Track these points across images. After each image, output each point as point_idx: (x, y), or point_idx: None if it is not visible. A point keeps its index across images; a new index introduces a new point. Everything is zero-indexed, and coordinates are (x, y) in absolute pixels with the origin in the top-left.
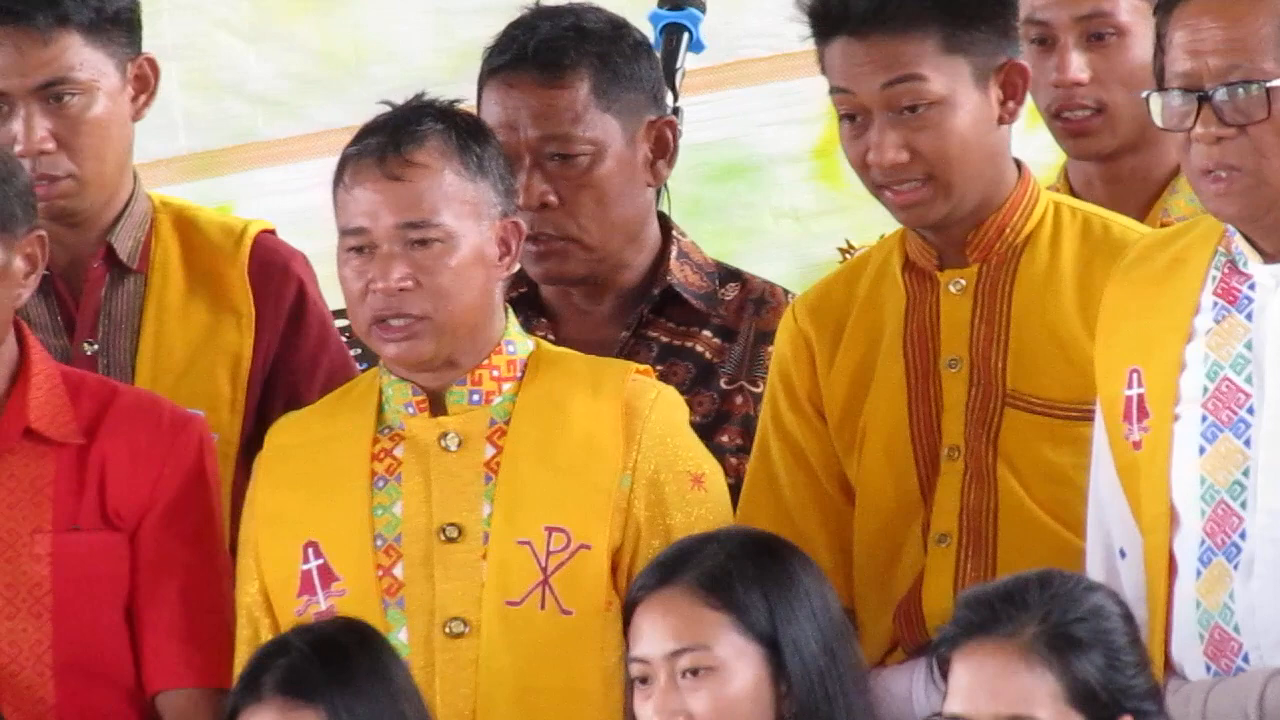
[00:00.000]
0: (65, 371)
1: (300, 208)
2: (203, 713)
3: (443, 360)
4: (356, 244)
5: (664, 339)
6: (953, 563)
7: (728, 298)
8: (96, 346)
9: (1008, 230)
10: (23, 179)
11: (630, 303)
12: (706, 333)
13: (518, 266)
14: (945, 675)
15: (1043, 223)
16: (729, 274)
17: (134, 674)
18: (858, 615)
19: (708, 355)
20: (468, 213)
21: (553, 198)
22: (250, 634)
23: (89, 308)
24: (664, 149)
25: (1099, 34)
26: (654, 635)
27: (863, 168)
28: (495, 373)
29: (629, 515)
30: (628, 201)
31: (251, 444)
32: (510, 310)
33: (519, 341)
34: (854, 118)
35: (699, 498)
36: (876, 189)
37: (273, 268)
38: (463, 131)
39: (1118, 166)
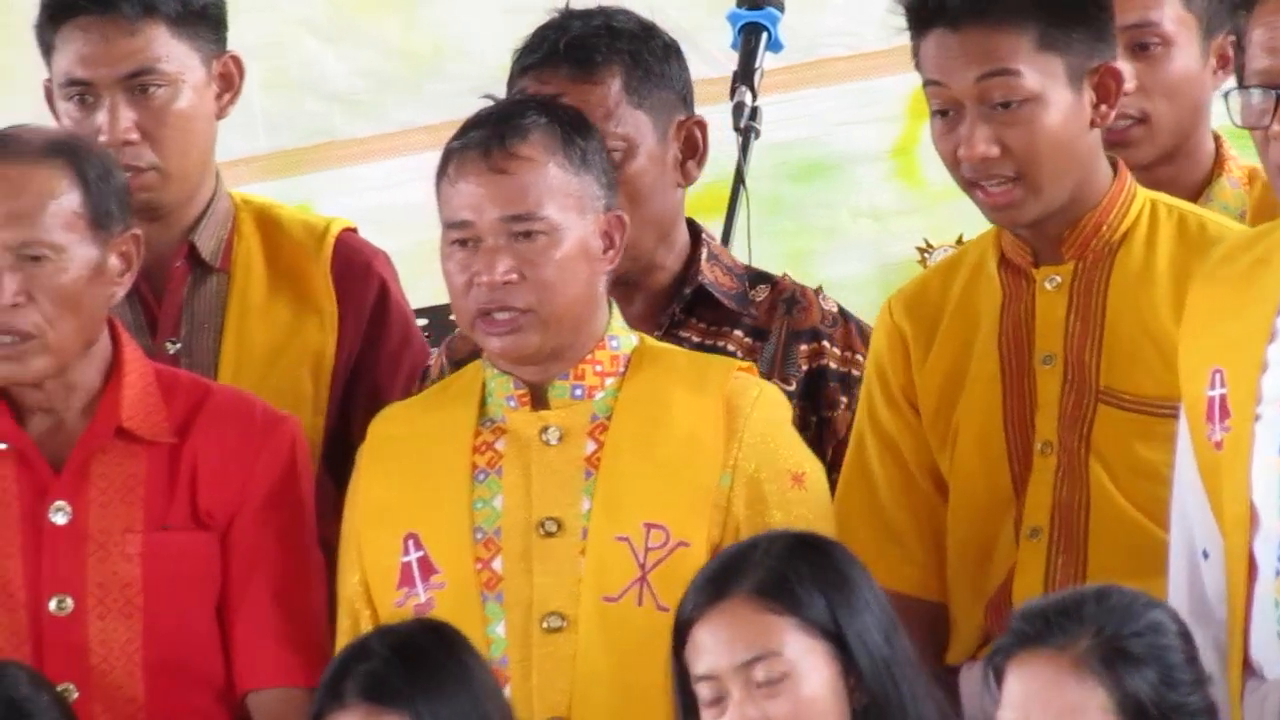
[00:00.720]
0: (159, 370)
1: (379, 206)
2: (293, 712)
3: (547, 354)
4: (460, 237)
5: (696, 339)
6: (1043, 558)
7: (759, 298)
8: (179, 345)
9: (1104, 228)
10: (119, 178)
11: (662, 303)
12: (738, 332)
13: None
14: (1000, 684)
15: (1139, 220)
16: (759, 275)
17: (224, 673)
18: (950, 610)
19: (740, 355)
20: (571, 205)
21: None
22: (350, 625)
23: (171, 307)
24: (694, 149)
25: (1144, 44)
26: (721, 650)
27: (954, 164)
28: (598, 367)
29: (728, 513)
30: (659, 200)
31: (334, 443)
32: (614, 305)
33: (622, 336)
34: (946, 113)
35: (799, 496)
36: (968, 186)
37: (355, 266)
38: (566, 125)
39: (1153, 175)
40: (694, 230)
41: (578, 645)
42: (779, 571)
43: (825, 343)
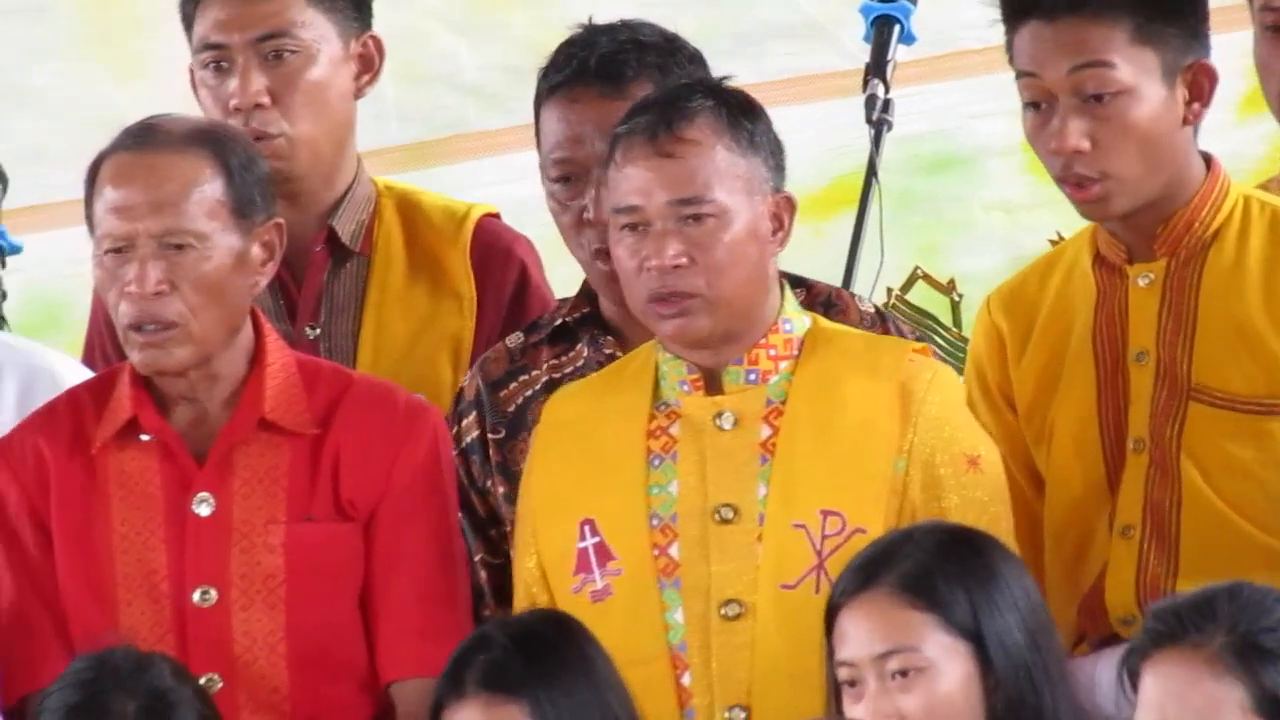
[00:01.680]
0: (300, 360)
1: (512, 199)
2: (432, 699)
3: (719, 338)
4: (629, 222)
5: None
6: (1135, 555)
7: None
8: (318, 331)
9: (1196, 224)
10: (262, 167)
11: None
12: None
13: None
14: (1135, 687)
15: (1231, 217)
16: (794, 280)
17: (367, 664)
18: (1047, 605)
19: None
20: (740, 188)
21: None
22: (528, 606)
23: (311, 292)
24: None
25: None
26: (860, 639)
27: (1046, 156)
28: (772, 351)
29: (904, 499)
30: None
31: None
32: (786, 286)
33: (795, 319)
34: (1039, 105)
35: (975, 480)
36: (1059, 181)
37: (495, 251)
38: (733, 107)
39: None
40: None
41: (755, 633)
42: (926, 567)
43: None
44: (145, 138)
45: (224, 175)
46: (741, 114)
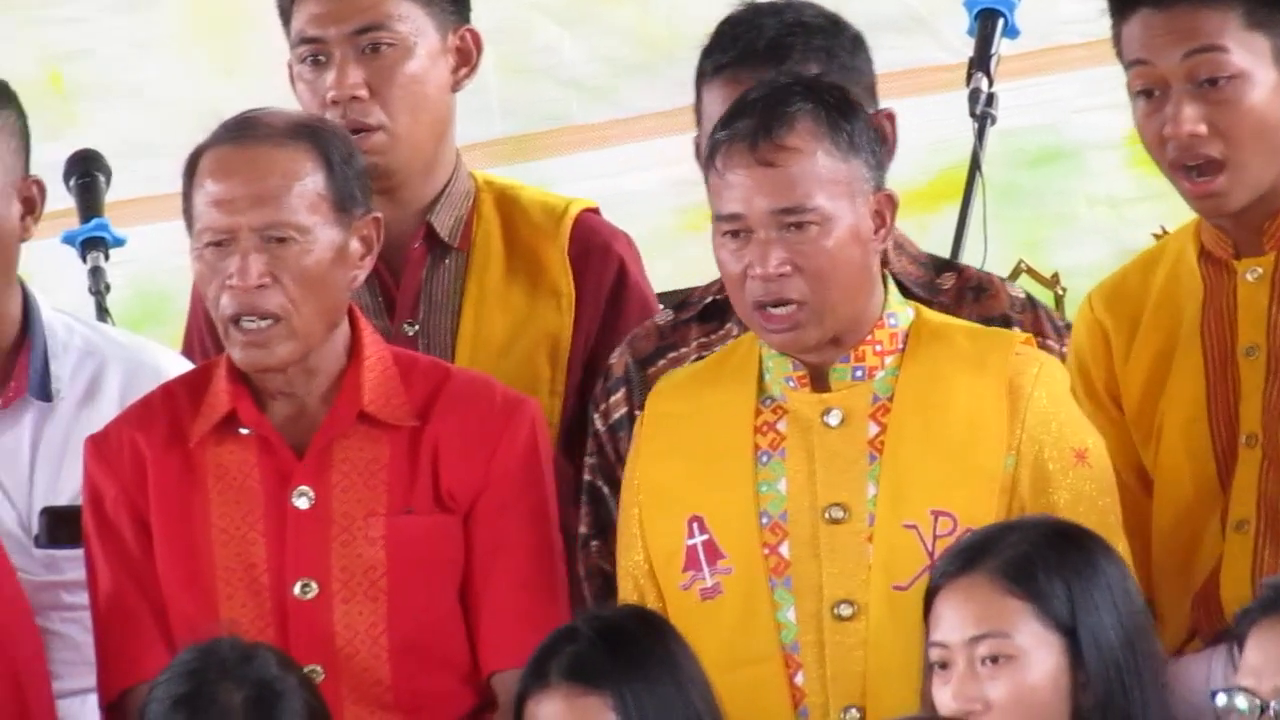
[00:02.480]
0: (397, 354)
1: (614, 192)
2: (516, 690)
3: (826, 343)
4: (732, 229)
5: None
6: (1250, 550)
7: (945, 286)
8: (417, 327)
9: None
10: (361, 161)
11: None
12: None
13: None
14: (1242, 650)
15: None
16: (944, 264)
17: (468, 655)
18: (1156, 604)
19: None
20: (841, 192)
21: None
22: (636, 600)
23: (409, 288)
24: (884, 141)
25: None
26: (954, 621)
27: (1159, 145)
28: (878, 347)
29: (1013, 495)
30: None
31: (571, 426)
32: (889, 279)
33: (900, 312)
34: (1151, 93)
35: (1083, 473)
36: (1172, 171)
37: (594, 247)
38: (832, 109)
39: None
40: None
41: (868, 633)
42: (1027, 556)
43: (1016, 329)
44: (246, 131)
45: (325, 169)
46: (840, 115)
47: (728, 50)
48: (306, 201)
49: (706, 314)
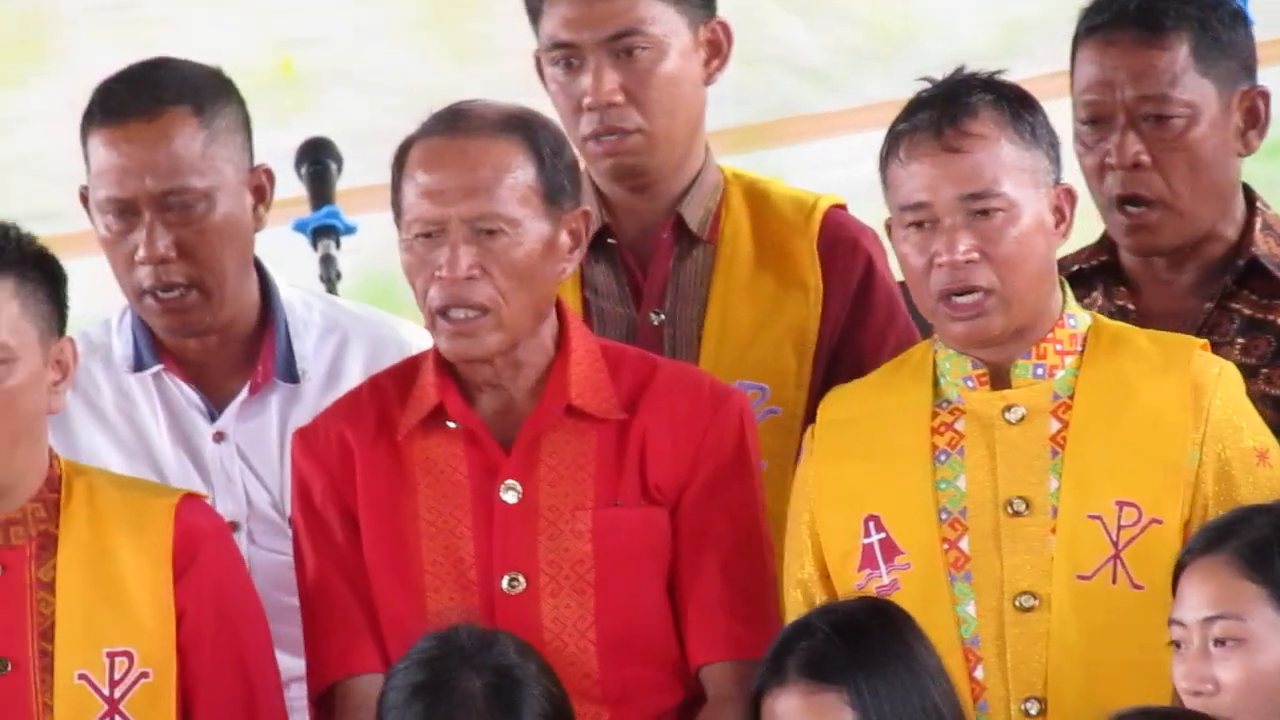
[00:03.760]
0: (605, 346)
1: (845, 182)
2: (745, 685)
3: (1009, 335)
4: (917, 219)
5: (1247, 311)
6: None
7: None
8: (663, 317)
9: None
10: (570, 154)
11: (1212, 274)
12: None
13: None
14: None
15: None
16: None
17: (676, 648)
18: None
19: None
20: (1026, 181)
21: (1145, 158)
22: (805, 609)
23: (657, 278)
24: (1255, 119)
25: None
26: (1191, 600)
27: None
28: (1058, 346)
29: (1197, 491)
30: (1219, 169)
31: (814, 419)
32: (1066, 283)
33: (1079, 315)
34: None
35: (1266, 474)
36: None
37: (842, 242)
38: (1012, 101)
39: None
40: (1249, 199)
41: (1051, 624)
42: (1267, 541)
43: None
44: (457, 122)
45: (535, 162)
46: (1021, 107)
47: (1103, 12)
48: (517, 194)
49: (1071, 284)
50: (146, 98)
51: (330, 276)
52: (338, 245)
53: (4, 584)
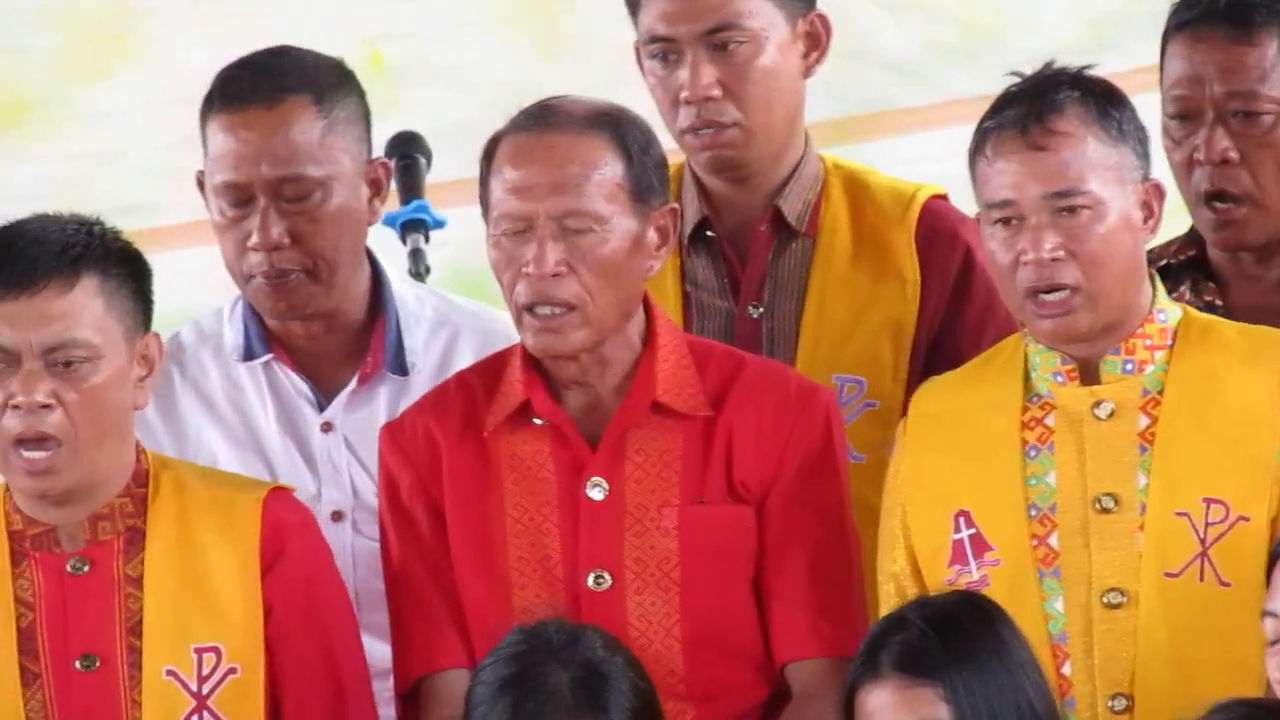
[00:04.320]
0: (692, 343)
1: (932, 177)
2: (831, 682)
3: (1097, 332)
4: (1003, 216)
5: None
6: None
7: None
8: (761, 310)
9: None
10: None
11: None
12: None
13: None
14: None
15: None
16: None
17: (762, 646)
18: None
19: None
20: (1112, 178)
21: (1234, 154)
22: (898, 602)
23: (755, 271)
24: None
25: None
26: (1277, 593)
27: None
28: (1148, 341)
29: None
30: None
31: None
32: (1157, 277)
33: (1169, 309)
34: None
35: None
36: None
37: (940, 233)
38: (1100, 97)
39: None
40: None
41: (1139, 621)
42: None
43: None
44: (545, 119)
45: (624, 159)
46: (1109, 103)
47: (1193, 7)
48: (605, 191)
49: (1160, 277)
50: (267, 85)
51: (419, 270)
52: (426, 239)
53: (92, 580)
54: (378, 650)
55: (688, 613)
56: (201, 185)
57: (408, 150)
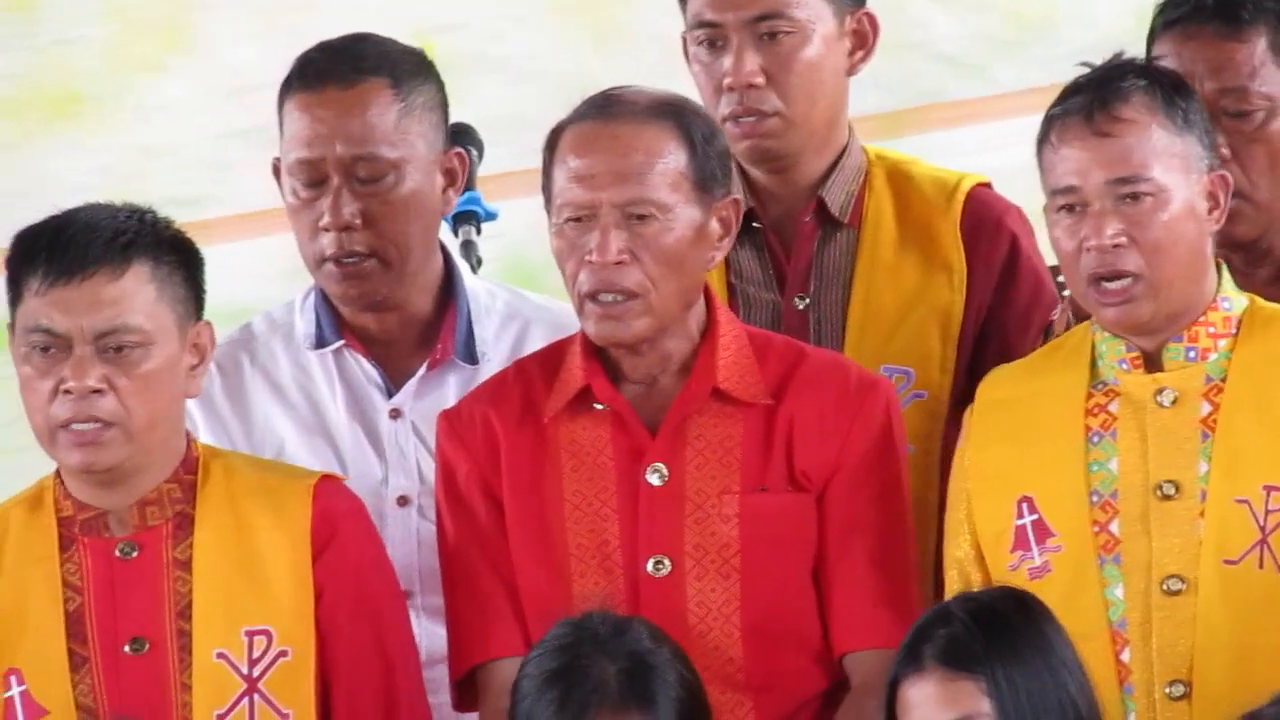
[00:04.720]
0: (752, 333)
1: (985, 169)
2: (890, 673)
3: (1160, 320)
4: (1067, 203)
5: None
6: None
7: None
8: (808, 301)
9: None
10: (723, 141)
11: None
12: None
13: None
14: None
15: None
16: None
17: (821, 635)
18: None
19: None
20: (1177, 166)
21: (1225, 150)
22: (962, 589)
23: (800, 262)
24: None
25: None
26: None
27: None
28: (1211, 329)
29: None
30: None
31: (962, 402)
32: (1224, 266)
33: (1234, 298)
34: None
35: None
36: None
37: (985, 222)
38: (1166, 87)
39: None
40: None
41: (1198, 608)
42: None
43: None
44: (609, 108)
45: (687, 148)
46: (1175, 93)
47: (1181, 5)
48: (668, 180)
49: None
50: (345, 67)
51: (471, 262)
52: (478, 231)
53: (140, 564)
54: (440, 634)
55: (748, 601)
56: (277, 173)
57: (460, 142)
